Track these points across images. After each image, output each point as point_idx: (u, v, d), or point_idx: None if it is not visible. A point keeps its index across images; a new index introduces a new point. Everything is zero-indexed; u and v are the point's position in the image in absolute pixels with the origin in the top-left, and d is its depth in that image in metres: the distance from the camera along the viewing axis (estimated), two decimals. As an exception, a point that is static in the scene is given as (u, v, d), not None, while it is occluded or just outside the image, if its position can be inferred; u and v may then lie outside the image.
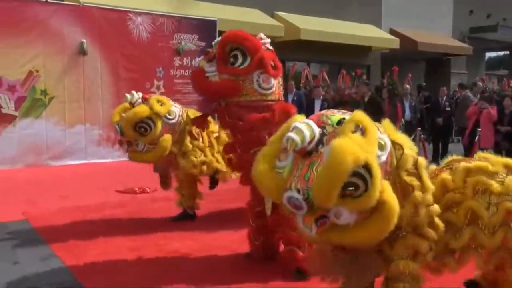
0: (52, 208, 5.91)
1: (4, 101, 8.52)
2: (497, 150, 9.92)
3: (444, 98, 10.77)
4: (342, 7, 15.72)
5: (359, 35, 15.27)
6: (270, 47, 3.95)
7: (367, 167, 2.13)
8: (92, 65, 9.42)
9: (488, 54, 25.22)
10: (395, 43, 16.28)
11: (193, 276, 3.84)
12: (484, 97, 9.94)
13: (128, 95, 4.94)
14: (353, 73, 14.44)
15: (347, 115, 2.41)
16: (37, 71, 8.83)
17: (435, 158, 10.12)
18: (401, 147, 2.49)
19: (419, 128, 9.12)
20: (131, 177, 5.03)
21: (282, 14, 14.15)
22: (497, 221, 2.65)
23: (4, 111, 8.52)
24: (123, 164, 5.31)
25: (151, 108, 4.70)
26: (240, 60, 3.67)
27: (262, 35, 4.05)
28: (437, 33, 18.85)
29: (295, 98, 10.73)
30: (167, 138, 4.82)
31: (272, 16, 14.02)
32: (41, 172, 8.24)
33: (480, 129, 10.02)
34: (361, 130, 2.25)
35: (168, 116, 4.85)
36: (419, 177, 2.52)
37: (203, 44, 10.70)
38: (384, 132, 2.44)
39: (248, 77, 3.68)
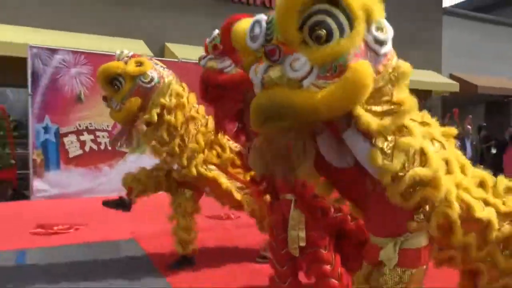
0: (156, 229, 6.03)
1: (118, 140, 9.19)
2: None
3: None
4: (402, 54, 15.33)
5: (420, 81, 14.88)
6: None
7: (349, 13, 1.55)
8: (188, 110, 9.92)
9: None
10: (455, 87, 15.66)
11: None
12: None
13: (117, 51, 4.21)
14: (415, 115, 14.03)
15: None
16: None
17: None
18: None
19: (482, 166, 8.65)
20: (218, 204, 5.11)
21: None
22: None
23: (117, 148, 9.18)
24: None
25: (124, 66, 4.01)
26: None
27: None
28: (497, 76, 17.89)
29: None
30: (134, 101, 3.99)
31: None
32: (147, 198, 8.60)
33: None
34: None
35: (143, 79, 4.04)
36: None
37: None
38: None
39: None
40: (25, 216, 6.88)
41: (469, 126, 12.55)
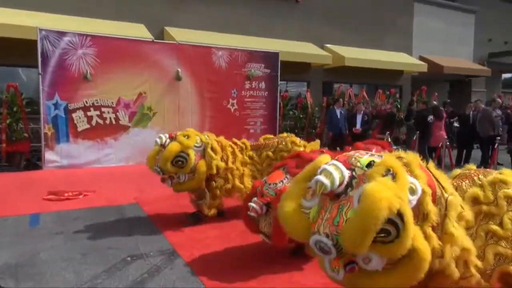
0: (156, 194, 6.05)
1: (121, 115, 8.94)
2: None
3: (471, 112, 10.05)
4: (379, 39, 15.25)
5: (393, 61, 14.72)
6: None
7: (399, 214, 1.68)
8: (185, 88, 9.66)
9: (504, 75, 23.38)
10: (423, 67, 15.53)
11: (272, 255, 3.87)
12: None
13: (157, 139, 4.42)
14: (388, 92, 13.97)
15: (376, 157, 1.89)
16: (145, 93, 9.17)
17: (459, 162, 9.57)
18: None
19: (445, 137, 8.64)
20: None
21: (330, 46, 13.96)
22: None
23: (121, 122, 8.93)
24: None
25: (180, 143, 4.29)
26: None
27: None
28: (460, 58, 17.84)
29: (342, 112, 10.52)
30: (202, 163, 4.39)
31: (322, 47, 13.86)
32: (147, 168, 8.53)
33: (498, 138, 9.37)
34: (392, 174, 1.76)
35: (196, 145, 4.40)
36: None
37: (268, 71, 10.76)
38: (411, 171, 1.91)
39: None
40: (38, 184, 6.76)
41: (435, 102, 12.52)
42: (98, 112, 8.69)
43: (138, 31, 10.38)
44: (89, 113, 8.60)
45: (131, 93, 9.03)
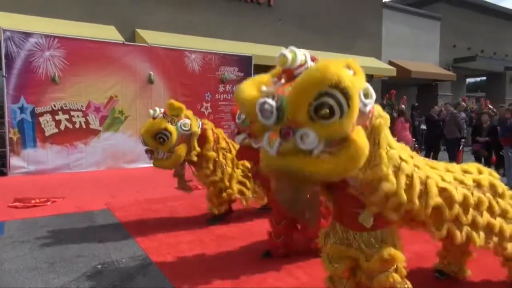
0: (128, 200, 5.99)
1: (92, 119, 8.70)
2: (477, 157, 9.62)
3: (437, 116, 10.34)
4: (350, 43, 15.56)
5: (363, 66, 14.82)
6: None
7: (346, 93, 1.65)
8: (158, 91, 9.51)
9: (468, 80, 24.40)
10: (392, 72, 15.97)
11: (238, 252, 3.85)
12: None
13: (151, 110, 4.45)
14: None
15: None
16: (116, 96, 8.97)
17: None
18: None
19: (414, 139, 8.90)
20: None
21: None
22: None
23: (91, 126, 8.70)
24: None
25: (167, 118, 4.31)
26: None
27: None
28: (427, 63, 18.47)
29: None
30: (182, 147, 4.37)
31: (295, 52, 13.99)
32: (119, 173, 8.37)
33: (463, 140, 9.71)
34: (352, 71, 1.81)
35: (184, 128, 4.37)
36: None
37: (241, 74, 10.76)
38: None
39: None
40: (2, 191, 6.45)
41: (403, 106, 12.86)
42: (67, 116, 8.42)
43: (108, 32, 10.15)
44: (57, 117, 8.32)
45: (102, 96, 8.81)
